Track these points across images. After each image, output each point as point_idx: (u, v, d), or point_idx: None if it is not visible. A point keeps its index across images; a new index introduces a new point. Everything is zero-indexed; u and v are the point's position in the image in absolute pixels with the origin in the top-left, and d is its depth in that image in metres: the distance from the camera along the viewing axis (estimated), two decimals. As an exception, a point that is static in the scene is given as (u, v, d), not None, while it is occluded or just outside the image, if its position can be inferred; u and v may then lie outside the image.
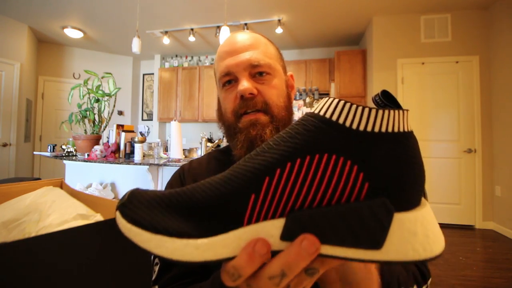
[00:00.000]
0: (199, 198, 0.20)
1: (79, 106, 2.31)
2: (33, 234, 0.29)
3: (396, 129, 0.18)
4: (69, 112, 2.41)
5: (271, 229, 0.19)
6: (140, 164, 2.01)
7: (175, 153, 2.16)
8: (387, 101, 0.20)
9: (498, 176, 3.15)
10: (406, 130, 0.18)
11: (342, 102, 0.18)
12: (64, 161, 2.28)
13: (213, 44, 4.59)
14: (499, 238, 2.90)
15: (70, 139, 2.50)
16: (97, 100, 2.34)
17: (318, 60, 4.44)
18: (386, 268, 0.30)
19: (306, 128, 0.19)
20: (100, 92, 2.31)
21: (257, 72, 0.50)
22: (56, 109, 4.57)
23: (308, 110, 3.90)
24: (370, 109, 0.18)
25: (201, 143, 2.43)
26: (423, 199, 0.19)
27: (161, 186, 2.17)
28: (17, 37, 3.84)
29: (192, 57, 5.17)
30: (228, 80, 0.51)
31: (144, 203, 0.20)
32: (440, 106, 3.35)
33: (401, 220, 0.17)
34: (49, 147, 2.76)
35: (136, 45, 3.08)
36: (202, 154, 2.42)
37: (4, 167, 3.70)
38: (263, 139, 0.48)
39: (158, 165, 2.02)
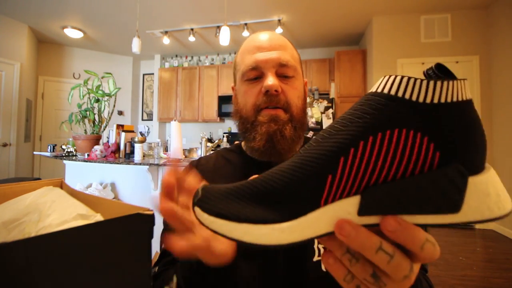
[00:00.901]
0: (275, 186, 0.21)
1: (79, 106, 2.31)
2: (33, 234, 0.29)
3: (458, 98, 0.18)
4: (69, 112, 2.41)
5: (347, 207, 0.20)
6: (140, 164, 2.01)
7: (175, 153, 2.16)
8: (441, 74, 0.21)
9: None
10: (467, 98, 0.19)
11: (405, 78, 0.19)
12: (64, 161, 2.28)
13: (213, 44, 4.59)
14: (499, 238, 2.90)
15: (70, 139, 2.50)
16: (97, 100, 2.34)
17: (318, 60, 4.44)
18: None
19: (373, 107, 0.19)
20: (100, 92, 2.31)
21: (283, 73, 0.52)
22: (56, 109, 4.57)
23: (308, 110, 3.91)
24: (431, 82, 0.18)
25: (201, 143, 2.43)
26: (487, 164, 0.20)
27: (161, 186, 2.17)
28: (17, 37, 3.84)
29: (192, 57, 5.17)
30: (255, 76, 0.52)
31: (220, 197, 0.21)
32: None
33: (474, 183, 0.18)
34: (49, 147, 2.76)
35: (136, 45, 3.08)
36: (202, 154, 2.42)
37: (4, 167, 3.70)
38: (283, 134, 0.50)
39: (158, 165, 2.02)
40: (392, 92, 0.19)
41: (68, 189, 0.42)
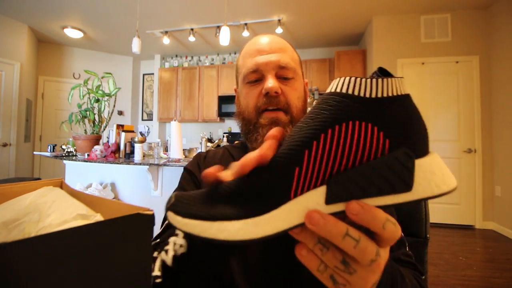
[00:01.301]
0: (245, 183, 0.22)
1: (79, 106, 2.31)
2: (33, 234, 0.29)
3: (398, 92, 0.21)
4: (69, 112, 2.41)
5: (316, 197, 0.21)
6: (140, 164, 2.01)
7: (175, 153, 2.16)
8: (384, 75, 0.23)
9: (498, 176, 3.15)
10: (405, 92, 0.22)
11: (353, 78, 0.22)
12: (64, 161, 2.28)
13: (213, 44, 4.59)
14: (499, 238, 2.90)
15: (70, 139, 2.50)
16: (97, 100, 2.34)
17: (318, 60, 4.44)
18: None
19: (329, 104, 0.22)
20: (100, 92, 2.31)
21: (283, 74, 0.53)
22: (56, 109, 4.57)
23: (308, 109, 3.92)
24: (374, 79, 0.21)
25: (201, 143, 2.43)
26: (431, 150, 0.23)
27: (161, 186, 2.18)
28: (17, 37, 3.84)
29: (192, 57, 5.17)
30: (255, 79, 0.54)
31: (193, 200, 0.22)
32: (440, 106, 3.35)
33: (419, 164, 0.21)
34: (49, 147, 2.76)
35: (136, 45, 3.08)
36: (201, 151, 2.42)
37: (4, 167, 3.70)
38: (284, 136, 0.50)
39: (158, 165, 2.02)
40: (344, 90, 0.22)
41: (68, 189, 0.42)
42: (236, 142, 0.67)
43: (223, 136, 4.51)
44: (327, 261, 0.22)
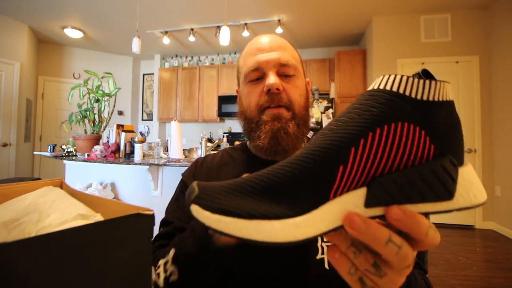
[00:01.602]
0: (284, 178, 0.20)
1: (79, 106, 2.31)
2: (33, 234, 0.29)
3: (447, 98, 0.21)
4: (69, 112, 2.41)
5: (355, 199, 0.20)
6: (140, 164, 2.01)
7: (175, 153, 2.16)
8: (426, 78, 0.23)
9: (498, 176, 3.15)
10: (451, 99, 0.22)
11: (405, 77, 0.21)
12: (64, 161, 2.28)
13: (213, 44, 4.59)
14: (499, 238, 2.90)
15: (70, 139, 2.50)
16: (97, 100, 2.34)
17: (318, 60, 4.44)
18: None
19: (379, 101, 0.21)
20: (100, 92, 2.31)
21: (284, 72, 0.54)
22: (56, 109, 4.57)
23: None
24: (427, 81, 0.21)
25: (201, 143, 2.43)
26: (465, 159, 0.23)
27: (161, 186, 2.18)
28: (17, 37, 3.84)
29: (192, 57, 5.17)
30: (257, 77, 0.54)
31: (221, 193, 0.20)
32: (440, 106, 3.35)
33: (461, 173, 0.21)
34: (49, 147, 2.76)
35: (136, 45, 3.08)
36: (202, 154, 2.42)
37: (4, 167, 3.70)
38: (286, 131, 0.52)
39: (158, 165, 2.02)
40: (394, 88, 0.21)
41: (68, 189, 0.42)
42: (237, 143, 0.67)
43: (223, 136, 4.51)
44: (358, 264, 0.21)
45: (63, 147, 2.46)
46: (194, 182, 0.21)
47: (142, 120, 5.56)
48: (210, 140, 4.78)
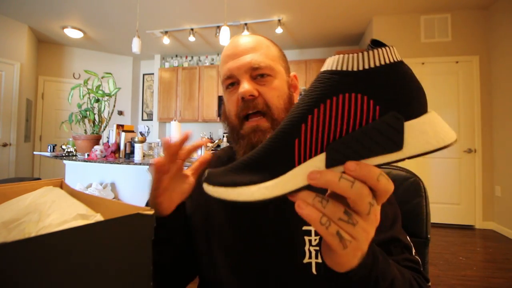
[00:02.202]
0: (259, 155, 0.27)
1: (79, 106, 2.31)
2: (33, 234, 0.29)
3: (386, 61, 0.23)
4: (69, 112, 2.41)
5: (316, 163, 0.24)
6: (140, 164, 2.01)
7: (175, 153, 2.15)
8: (377, 46, 0.26)
9: (498, 176, 3.15)
10: (396, 60, 0.24)
11: (341, 56, 0.24)
12: (64, 161, 2.28)
13: (213, 44, 4.59)
14: (499, 238, 2.90)
15: (70, 139, 2.50)
16: (97, 100, 2.34)
17: (318, 60, 4.44)
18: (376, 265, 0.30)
19: (321, 81, 0.25)
20: (100, 92, 2.31)
21: (258, 74, 0.52)
22: (56, 109, 4.57)
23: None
24: (360, 54, 0.23)
25: (201, 143, 2.43)
26: (431, 110, 0.24)
27: (161, 186, 2.17)
28: (17, 37, 3.84)
29: (192, 57, 5.17)
30: (231, 82, 0.53)
31: (220, 173, 0.27)
32: (440, 106, 3.35)
33: (411, 125, 0.23)
34: (49, 147, 2.76)
35: (136, 45, 3.08)
36: (202, 154, 2.42)
37: (4, 167, 3.70)
38: None
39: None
40: (333, 67, 0.24)
41: (68, 189, 0.42)
42: (231, 144, 0.67)
43: (223, 136, 4.50)
44: (330, 214, 0.23)
45: (63, 147, 2.46)
46: (206, 170, 0.29)
47: (142, 120, 5.56)
48: (210, 140, 4.78)
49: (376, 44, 0.26)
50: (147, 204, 0.44)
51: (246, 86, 0.50)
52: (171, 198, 0.43)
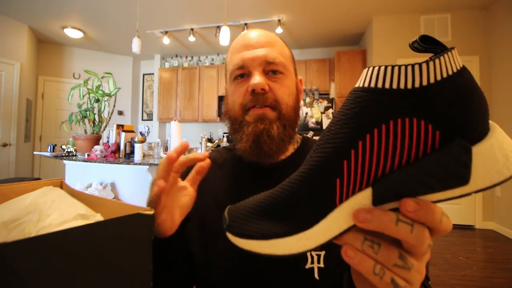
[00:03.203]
0: (290, 197, 0.22)
1: (79, 106, 2.31)
2: (33, 234, 0.29)
3: (448, 72, 0.18)
4: (69, 112, 2.41)
5: (362, 200, 0.20)
6: (140, 164, 2.01)
7: (175, 153, 2.15)
8: (427, 45, 0.21)
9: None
10: (457, 68, 0.19)
11: (382, 68, 0.19)
12: (64, 161, 2.28)
13: (213, 44, 4.59)
14: (499, 238, 2.90)
15: (70, 139, 2.50)
16: (97, 100, 2.34)
17: (318, 60, 4.44)
18: None
19: (361, 104, 0.20)
20: (100, 92, 2.31)
21: (271, 70, 0.50)
22: (56, 109, 4.57)
23: (308, 110, 3.92)
24: (416, 66, 0.18)
25: (201, 143, 2.43)
26: (491, 122, 0.20)
27: (161, 186, 2.17)
28: (17, 37, 3.84)
29: (192, 57, 5.17)
30: (241, 74, 0.51)
31: (244, 218, 0.23)
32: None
33: (479, 152, 0.18)
34: (49, 147, 2.76)
35: (136, 45, 3.08)
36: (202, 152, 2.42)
37: (4, 167, 3.70)
38: (270, 134, 0.48)
39: (158, 165, 2.02)
40: (378, 84, 0.19)
41: (68, 189, 0.42)
42: (233, 143, 0.66)
43: (223, 136, 4.51)
44: (384, 260, 0.20)
45: (63, 147, 2.46)
46: (225, 211, 0.25)
47: (142, 120, 5.56)
48: (210, 140, 4.78)
49: (427, 41, 0.21)
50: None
51: (259, 78, 0.48)
52: (173, 216, 0.39)
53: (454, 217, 3.30)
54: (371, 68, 0.20)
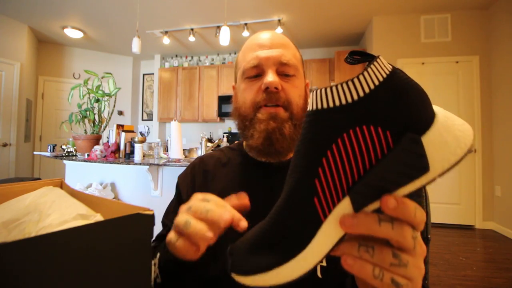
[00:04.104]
0: (277, 227, 0.23)
1: (79, 106, 2.31)
2: (33, 234, 0.29)
3: (380, 78, 0.20)
4: (69, 112, 2.41)
5: (344, 209, 0.22)
6: (140, 164, 2.01)
7: (175, 153, 2.16)
8: (358, 57, 0.24)
9: (498, 176, 3.15)
10: (386, 73, 0.21)
11: (323, 90, 0.21)
12: (64, 161, 2.28)
13: (213, 44, 4.59)
14: (499, 238, 2.90)
15: (70, 139, 2.50)
16: (97, 100, 2.34)
17: (318, 60, 4.44)
18: None
19: (315, 125, 0.22)
20: (100, 92, 2.31)
21: (284, 72, 0.51)
22: (56, 109, 4.57)
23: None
24: (353, 80, 0.21)
25: (201, 143, 2.43)
26: (435, 107, 0.22)
27: (161, 186, 2.18)
28: (17, 37, 3.84)
29: (192, 57, 5.17)
30: (255, 74, 0.52)
31: (244, 255, 0.24)
32: (440, 106, 3.31)
33: (429, 140, 0.20)
34: (49, 147, 2.76)
35: (136, 45, 3.08)
36: (202, 154, 2.42)
37: (4, 167, 3.70)
38: (282, 133, 0.49)
39: (158, 165, 2.02)
40: (321, 105, 0.21)
41: (68, 189, 0.41)
42: (236, 142, 0.66)
43: (223, 136, 4.50)
44: (380, 261, 0.21)
45: (63, 147, 2.46)
46: (227, 251, 0.25)
47: (142, 120, 5.56)
48: (210, 140, 4.78)
49: (355, 55, 0.23)
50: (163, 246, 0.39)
51: (273, 77, 0.49)
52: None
53: (454, 217, 3.30)
54: (314, 92, 0.22)
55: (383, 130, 0.20)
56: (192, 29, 4.02)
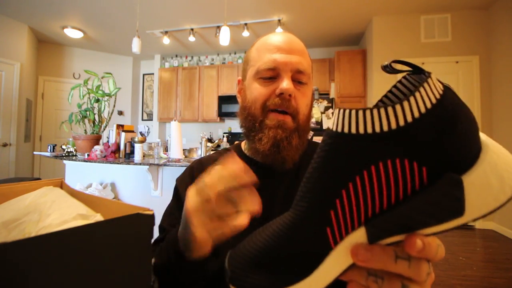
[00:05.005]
0: (284, 248, 0.22)
1: (79, 106, 2.31)
2: (33, 234, 0.29)
3: (428, 105, 0.17)
4: (69, 112, 2.41)
5: (356, 239, 0.20)
6: (140, 164, 2.01)
7: (175, 153, 2.16)
8: (400, 67, 0.20)
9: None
10: (436, 98, 0.17)
11: (353, 112, 0.18)
12: (64, 161, 2.28)
13: (213, 44, 4.59)
14: (499, 238, 2.90)
15: (70, 139, 2.50)
16: (97, 100, 2.34)
17: (318, 60, 4.43)
18: None
19: (339, 151, 0.19)
20: (100, 92, 2.31)
21: (298, 79, 0.52)
22: (56, 109, 4.57)
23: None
24: (385, 108, 0.17)
25: (201, 143, 2.43)
26: (483, 140, 0.19)
27: (161, 186, 2.18)
28: (17, 37, 3.84)
29: (192, 57, 5.17)
30: (270, 76, 0.52)
31: (245, 269, 0.23)
32: (440, 106, 3.35)
33: (471, 182, 0.17)
34: (49, 147, 2.76)
35: (136, 45, 3.08)
36: (202, 154, 2.42)
37: (4, 167, 3.70)
38: (290, 142, 0.50)
39: (158, 165, 2.02)
40: (349, 129, 0.18)
41: (68, 189, 0.42)
42: (234, 143, 0.65)
43: (223, 136, 4.51)
44: None
45: (63, 147, 2.46)
46: (226, 260, 0.24)
47: (142, 120, 5.56)
48: (210, 140, 4.78)
49: (400, 63, 0.20)
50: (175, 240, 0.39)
51: (290, 84, 0.49)
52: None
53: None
54: (342, 111, 0.18)
55: (419, 165, 0.17)
56: (192, 29, 4.02)
